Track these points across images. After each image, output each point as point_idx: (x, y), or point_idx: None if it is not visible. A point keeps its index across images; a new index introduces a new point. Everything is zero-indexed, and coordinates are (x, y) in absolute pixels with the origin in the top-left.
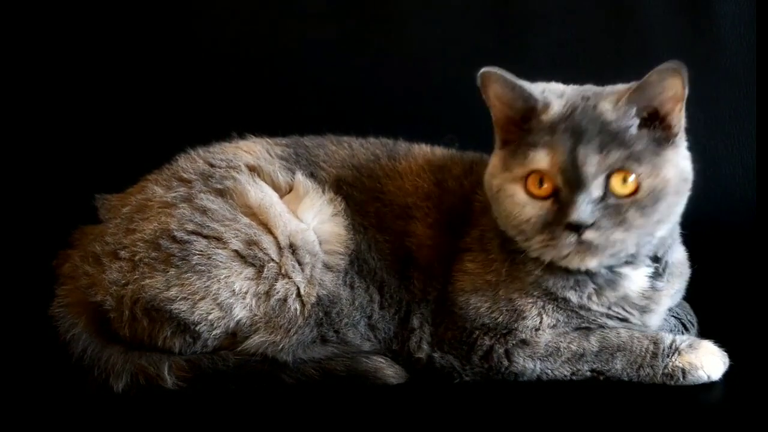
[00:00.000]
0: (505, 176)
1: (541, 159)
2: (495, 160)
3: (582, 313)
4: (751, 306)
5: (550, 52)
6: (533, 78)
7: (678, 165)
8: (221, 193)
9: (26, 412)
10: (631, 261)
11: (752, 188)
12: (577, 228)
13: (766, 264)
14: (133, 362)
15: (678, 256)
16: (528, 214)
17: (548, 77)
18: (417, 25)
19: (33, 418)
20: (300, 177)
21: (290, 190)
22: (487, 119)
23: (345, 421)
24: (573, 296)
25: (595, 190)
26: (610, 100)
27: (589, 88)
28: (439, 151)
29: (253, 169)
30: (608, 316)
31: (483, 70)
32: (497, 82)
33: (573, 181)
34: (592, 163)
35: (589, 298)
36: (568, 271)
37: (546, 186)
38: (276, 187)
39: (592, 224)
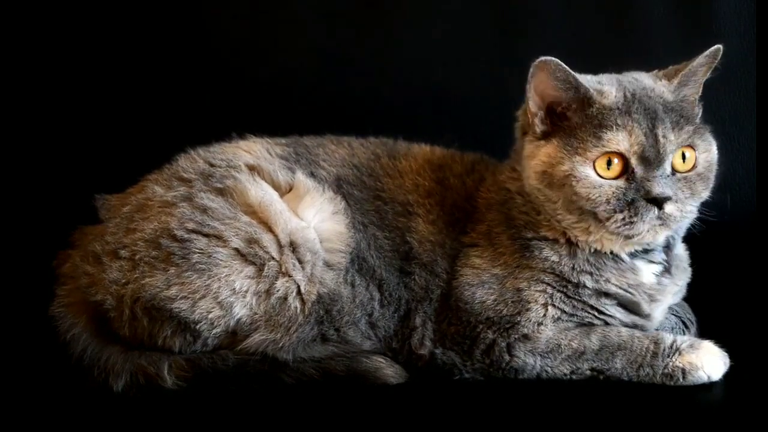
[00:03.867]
0: (575, 160)
1: (621, 139)
2: (549, 150)
3: (592, 302)
4: (751, 306)
5: (549, 52)
6: None
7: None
8: (221, 192)
9: (26, 412)
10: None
11: (752, 188)
12: (659, 202)
13: (766, 264)
14: (133, 362)
15: (681, 251)
16: (606, 194)
17: None
18: (417, 26)
19: (33, 418)
20: (300, 176)
21: (290, 189)
22: (486, 120)
23: (345, 421)
24: (589, 281)
25: (668, 166)
26: (663, 84)
27: (616, 76)
28: (439, 150)
29: (253, 169)
30: (620, 303)
31: (541, 59)
32: (554, 72)
33: (651, 159)
34: (669, 139)
35: (608, 281)
36: (589, 260)
37: (616, 166)
38: (276, 186)
39: (671, 197)
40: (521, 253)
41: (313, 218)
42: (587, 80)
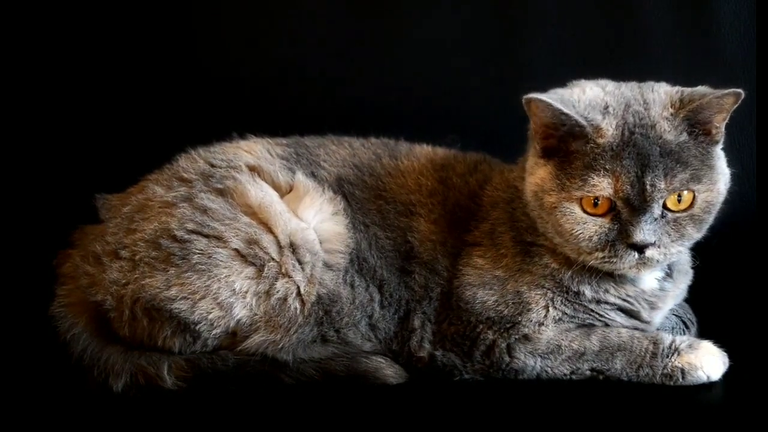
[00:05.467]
0: (561, 196)
1: (606, 186)
2: (543, 174)
3: (592, 306)
4: (751, 306)
5: (549, 52)
6: (533, 77)
7: (726, 174)
8: (221, 193)
9: (26, 412)
10: None
11: (752, 188)
12: (641, 249)
13: (766, 264)
14: (133, 362)
15: (684, 254)
16: (589, 232)
17: (548, 77)
18: (418, 26)
19: (33, 418)
20: (300, 176)
21: (290, 190)
22: (487, 121)
23: (345, 421)
24: (588, 290)
25: (657, 210)
26: (666, 117)
27: (632, 95)
28: (441, 150)
29: (253, 169)
30: (620, 309)
31: (528, 97)
32: (543, 110)
33: (636, 206)
34: (658, 188)
35: (606, 291)
36: (587, 270)
37: (602, 204)
38: (276, 187)
39: (654, 242)
40: (522, 257)
41: (313, 219)
42: (596, 101)
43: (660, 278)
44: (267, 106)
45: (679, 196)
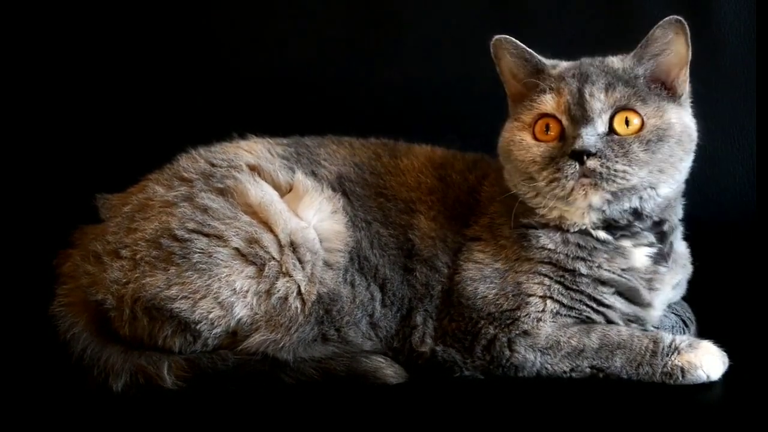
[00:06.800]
0: (514, 126)
1: (548, 101)
2: (509, 126)
3: (590, 291)
4: (751, 306)
5: (549, 52)
6: None
7: (681, 119)
8: (222, 192)
9: (26, 412)
10: (633, 227)
11: (752, 188)
12: (581, 156)
13: (766, 264)
14: (133, 362)
15: (682, 248)
16: (534, 153)
17: None
18: (418, 26)
19: (33, 418)
20: (300, 176)
21: (291, 189)
22: (487, 121)
23: (345, 421)
24: (582, 267)
25: (600, 125)
26: (618, 57)
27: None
28: (440, 150)
29: (253, 169)
30: (618, 293)
31: (496, 37)
32: (508, 49)
33: (578, 117)
34: (597, 98)
35: (600, 267)
36: (579, 244)
37: (552, 130)
38: (276, 186)
39: (595, 153)
40: (520, 244)
41: (313, 218)
42: (566, 65)
43: (651, 254)
44: (267, 106)
45: (626, 120)
